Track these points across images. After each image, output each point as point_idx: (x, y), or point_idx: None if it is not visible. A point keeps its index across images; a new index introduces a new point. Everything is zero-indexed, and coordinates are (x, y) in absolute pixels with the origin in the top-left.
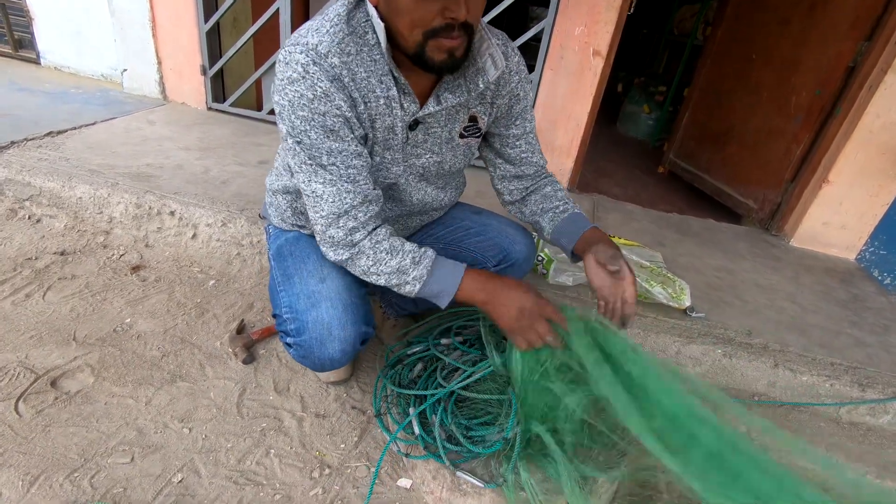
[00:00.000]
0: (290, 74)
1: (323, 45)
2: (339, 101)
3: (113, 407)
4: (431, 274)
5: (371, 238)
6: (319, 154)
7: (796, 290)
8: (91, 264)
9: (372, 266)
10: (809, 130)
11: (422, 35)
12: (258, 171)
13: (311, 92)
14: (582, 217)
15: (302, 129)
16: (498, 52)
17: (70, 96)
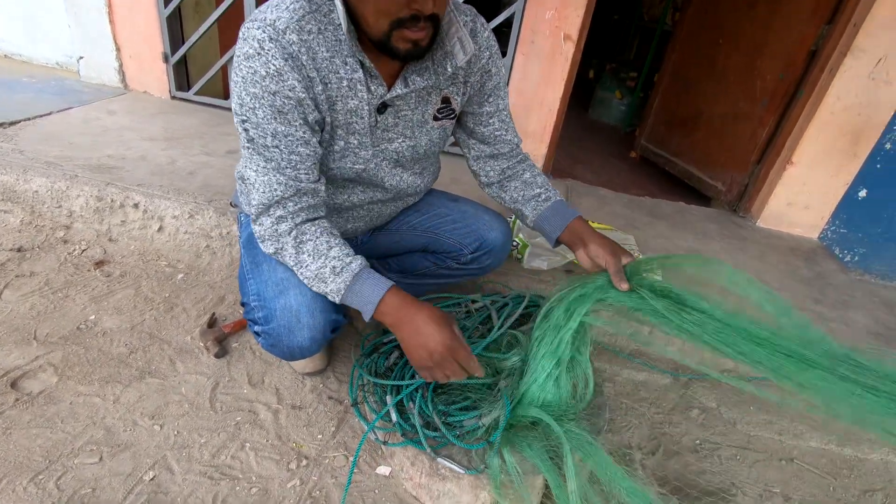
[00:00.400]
0: (247, 50)
1: (281, 20)
2: (292, 80)
3: (79, 406)
4: (350, 289)
5: (296, 234)
6: (264, 135)
7: (762, 268)
8: (51, 260)
9: (294, 266)
10: (774, 113)
11: (387, 24)
12: (226, 161)
13: (263, 69)
14: (564, 205)
15: (250, 106)
16: (466, 37)
17: (23, 85)
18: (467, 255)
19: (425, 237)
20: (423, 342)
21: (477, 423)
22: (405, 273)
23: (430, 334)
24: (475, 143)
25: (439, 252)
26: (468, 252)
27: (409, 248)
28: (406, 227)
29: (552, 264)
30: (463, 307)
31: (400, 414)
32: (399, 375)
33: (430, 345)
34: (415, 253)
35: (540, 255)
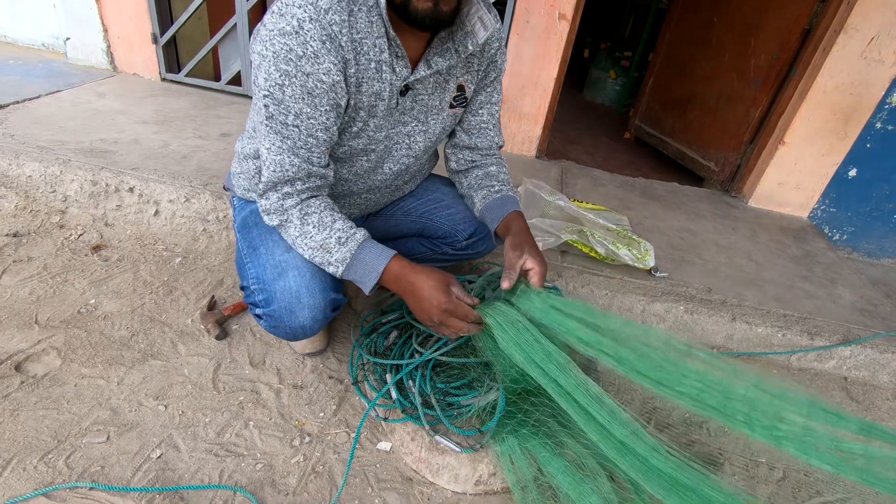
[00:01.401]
0: (283, 26)
1: (324, 0)
2: (328, 63)
3: (83, 388)
4: (356, 257)
5: (301, 208)
6: (286, 113)
7: (753, 248)
8: (48, 245)
9: (298, 237)
10: (767, 93)
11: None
12: (220, 144)
13: (301, 49)
14: (510, 200)
15: (279, 82)
16: (487, 14)
17: (9, 68)
18: (462, 241)
19: (420, 222)
20: (424, 307)
21: (473, 403)
22: None
23: (429, 299)
24: (458, 131)
25: (435, 237)
26: (463, 238)
27: (404, 233)
28: (401, 213)
29: (547, 245)
30: None
31: (399, 391)
32: (398, 354)
33: (431, 310)
34: (410, 238)
35: (535, 236)
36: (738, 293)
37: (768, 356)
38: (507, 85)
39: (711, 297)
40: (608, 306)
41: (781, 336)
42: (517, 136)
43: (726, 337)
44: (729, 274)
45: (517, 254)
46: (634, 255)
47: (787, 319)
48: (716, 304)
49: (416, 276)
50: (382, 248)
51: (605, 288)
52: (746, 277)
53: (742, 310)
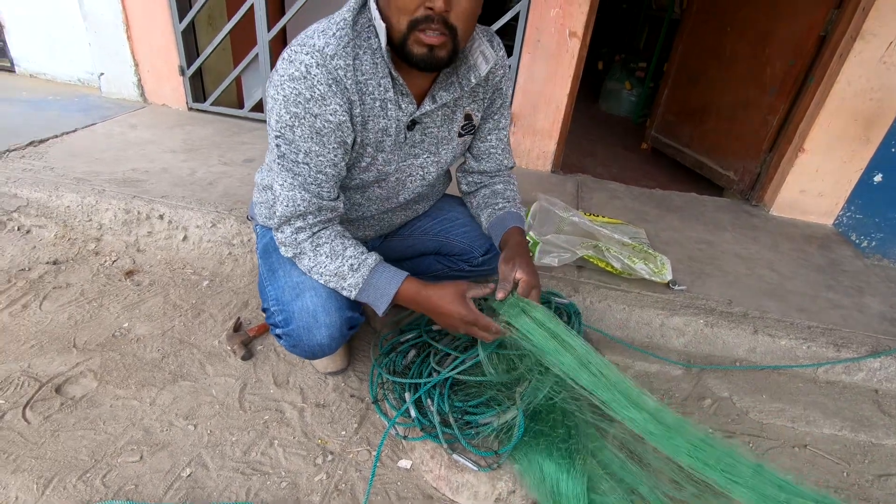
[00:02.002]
0: (292, 72)
1: (329, 47)
2: (334, 104)
3: (118, 409)
4: (368, 282)
5: (313, 240)
6: (296, 152)
7: (775, 257)
8: (85, 272)
9: (313, 267)
10: (784, 100)
11: (406, 25)
12: (244, 170)
13: (309, 92)
14: (512, 216)
15: (289, 124)
16: (488, 48)
17: (48, 103)
18: (478, 258)
19: (436, 241)
20: (444, 321)
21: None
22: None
23: (449, 314)
24: (468, 157)
25: (451, 255)
26: (479, 254)
27: (420, 251)
28: (418, 232)
29: (563, 260)
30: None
31: (418, 409)
32: (416, 373)
33: (451, 323)
34: (427, 256)
35: (550, 252)
36: (760, 305)
37: (793, 369)
38: (519, 102)
39: (732, 309)
40: (626, 321)
41: (806, 348)
42: (532, 151)
43: (748, 350)
44: (750, 285)
45: (509, 266)
46: (651, 270)
47: (812, 331)
48: (737, 317)
49: (432, 293)
50: (394, 271)
51: (623, 302)
52: (768, 288)
53: (764, 322)
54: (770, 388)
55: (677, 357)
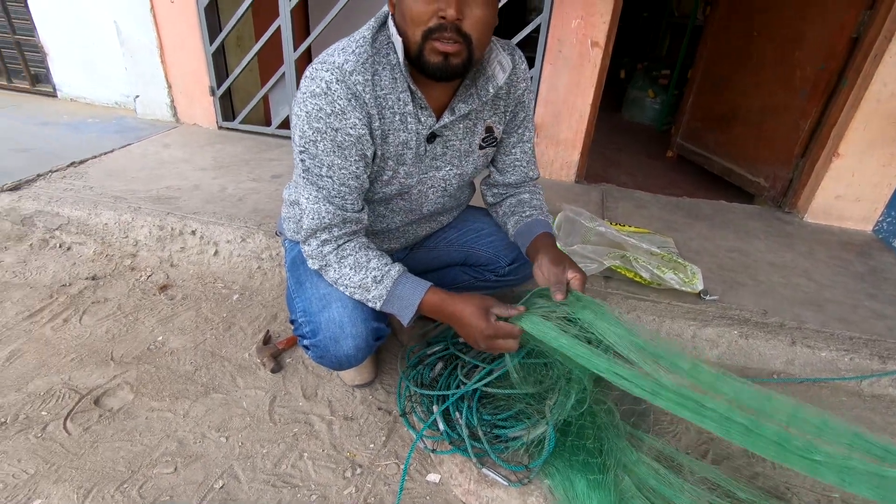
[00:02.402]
0: (314, 89)
1: (349, 63)
2: (353, 118)
3: (153, 421)
4: (392, 293)
5: (338, 252)
6: (319, 166)
7: (811, 265)
8: (121, 287)
9: (338, 279)
10: (816, 104)
11: (420, 35)
12: (272, 186)
13: (329, 107)
14: (540, 223)
15: (312, 139)
16: (505, 58)
17: (87, 126)
18: (504, 268)
19: (462, 252)
20: (466, 334)
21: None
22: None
23: (469, 326)
24: (492, 171)
25: (477, 265)
26: (505, 264)
27: (447, 262)
28: (443, 244)
29: (590, 271)
30: None
31: (446, 423)
32: (444, 386)
33: (474, 337)
34: (453, 267)
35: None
36: (797, 315)
37: (835, 382)
38: (542, 113)
39: (767, 319)
40: (656, 332)
41: (849, 360)
42: (555, 162)
43: (786, 362)
44: (786, 295)
45: (560, 268)
46: (681, 279)
47: (854, 342)
48: (773, 328)
49: (455, 305)
50: (418, 281)
51: (653, 313)
52: (805, 298)
53: (802, 332)
54: (811, 402)
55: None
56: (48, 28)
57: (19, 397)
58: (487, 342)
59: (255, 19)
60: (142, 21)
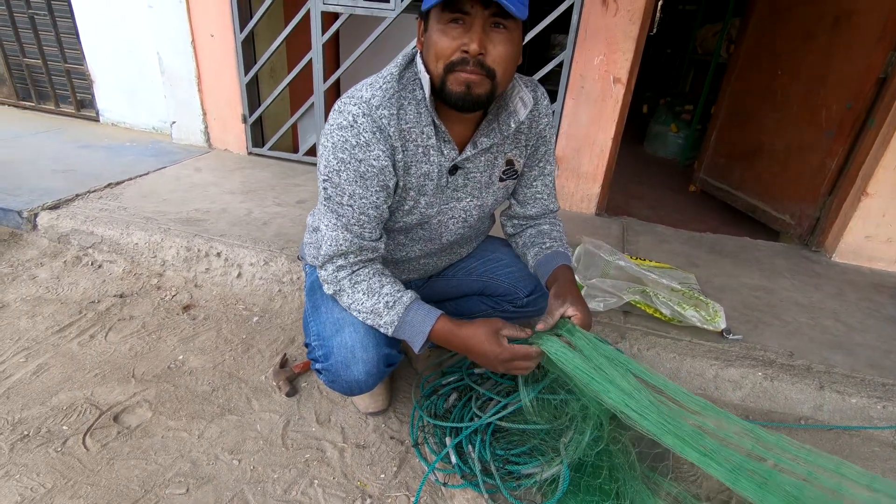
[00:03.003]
0: (341, 121)
1: (375, 98)
2: (377, 150)
3: (169, 440)
4: (403, 320)
5: (352, 277)
6: (341, 195)
7: (840, 307)
8: (147, 305)
9: (351, 304)
10: (843, 143)
11: (443, 68)
12: (296, 211)
13: (355, 139)
14: (560, 255)
15: (336, 168)
16: (527, 94)
17: (126, 149)
18: (523, 299)
19: (481, 282)
20: (480, 360)
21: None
22: (462, 316)
23: (484, 353)
24: (513, 202)
25: (495, 295)
26: (523, 295)
27: (465, 292)
28: (462, 273)
29: (608, 305)
30: None
31: (459, 456)
32: (458, 417)
33: (487, 362)
34: (471, 297)
35: (596, 297)
36: (826, 358)
37: (867, 431)
38: (563, 146)
39: (794, 362)
40: (677, 371)
41: (881, 408)
42: (576, 194)
43: (814, 407)
44: (813, 336)
45: (559, 302)
46: (703, 317)
47: (888, 389)
48: (799, 370)
49: (464, 332)
50: (429, 309)
51: (673, 351)
52: (834, 340)
53: (831, 377)
54: (841, 451)
55: (734, 412)
56: (96, 57)
57: (43, 410)
58: (505, 366)
59: (288, 51)
60: (183, 53)
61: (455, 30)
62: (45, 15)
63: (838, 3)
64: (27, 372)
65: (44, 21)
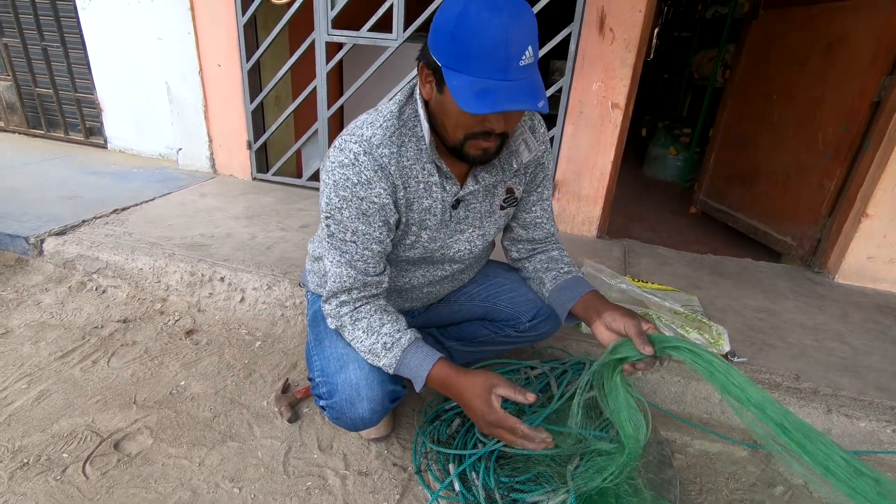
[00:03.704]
0: (342, 159)
1: (376, 137)
2: (379, 189)
3: (169, 468)
4: (401, 363)
5: (353, 314)
6: (344, 231)
7: (845, 329)
8: (150, 330)
9: (352, 340)
10: (841, 165)
11: (462, 135)
12: (300, 235)
13: (356, 177)
14: (583, 281)
15: (338, 206)
16: (531, 138)
17: (132, 175)
18: (525, 323)
19: (483, 307)
20: (469, 414)
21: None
22: (464, 341)
23: (471, 408)
24: (514, 226)
25: (497, 320)
26: (525, 320)
27: (467, 317)
28: (464, 298)
29: None
30: (522, 374)
31: (463, 483)
32: (461, 444)
33: (474, 418)
34: (473, 321)
35: None
36: (833, 381)
37: (877, 455)
38: (563, 169)
39: (800, 385)
40: (682, 394)
41: (891, 432)
42: (576, 217)
43: (823, 432)
44: (819, 359)
45: (637, 321)
46: (706, 340)
47: None
48: (806, 394)
49: (461, 381)
50: (427, 352)
51: (678, 374)
52: (840, 363)
53: (839, 400)
54: None
55: (741, 436)
56: (106, 87)
57: (43, 438)
58: (488, 428)
59: (293, 80)
60: (191, 82)
61: None
62: (58, 46)
63: (831, 30)
64: (29, 399)
65: (56, 52)
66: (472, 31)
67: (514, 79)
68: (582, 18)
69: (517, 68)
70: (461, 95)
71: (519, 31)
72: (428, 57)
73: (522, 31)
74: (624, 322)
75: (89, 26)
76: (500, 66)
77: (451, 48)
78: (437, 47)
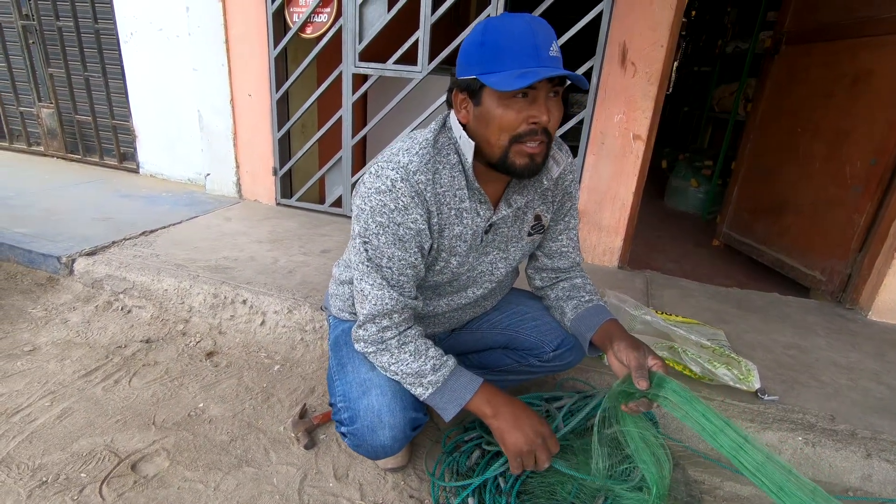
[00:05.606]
0: (379, 186)
1: (413, 164)
2: (415, 214)
3: (185, 492)
4: (446, 384)
5: (399, 338)
6: (381, 257)
7: (882, 368)
8: (171, 351)
9: (392, 364)
10: (871, 199)
11: (508, 140)
12: (321, 260)
13: (393, 203)
14: (604, 309)
15: (375, 232)
16: (558, 152)
17: (162, 199)
18: (549, 353)
19: (506, 335)
20: (520, 427)
21: None
22: (486, 369)
23: (526, 420)
24: (540, 255)
25: (520, 349)
26: (550, 349)
27: (489, 345)
28: (487, 326)
29: None
30: (542, 408)
31: None
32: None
33: (527, 430)
34: (496, 350)
35: None
36: (871, 423)
37: None
38: (585, 200)
39: (836, 426)
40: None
41: None
42: (598, 247)
43: (863, 477)
44: (855, 399)
45: (640, 353)
46: (735, 376)
47: None
48: (843, 436)
49: (513, 399)
50: (472, 374)
51: None
52: (878, 404)
53: (879, 444)
54: None
55: None
56: (141, 114)
57: (63, 457)
58: (538, 442)
59: (319, 109)
60: (222, 111)
61: (519, 103)
62: (99, 76)
63: (856, 64)
64: (51, 416)
65: (97, 81)
66: (499, 30)
67: (547, 65)
68: (604, 53)
69: (548, 57)
70: (502, 83)
71: (540, 27)
72: (459, 82)
73: (544, 27)
74: (627, 354)
75: (130, 58)
76: (532, 53)
77: (481, 54)
78: (468, 63)
